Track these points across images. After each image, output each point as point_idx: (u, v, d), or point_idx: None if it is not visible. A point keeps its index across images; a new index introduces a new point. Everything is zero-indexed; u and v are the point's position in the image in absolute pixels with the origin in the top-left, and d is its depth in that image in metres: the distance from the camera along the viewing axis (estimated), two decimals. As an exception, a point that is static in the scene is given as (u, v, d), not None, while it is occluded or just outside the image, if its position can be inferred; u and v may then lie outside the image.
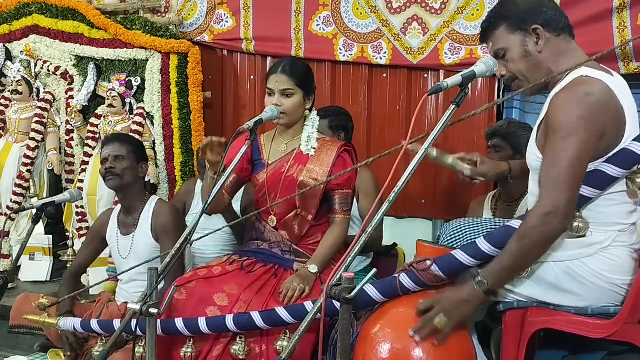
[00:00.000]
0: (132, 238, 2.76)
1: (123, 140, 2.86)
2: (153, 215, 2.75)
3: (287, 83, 2.38)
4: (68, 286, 2.80)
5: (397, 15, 3.62)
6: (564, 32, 1.88)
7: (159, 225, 2.71)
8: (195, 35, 4.13)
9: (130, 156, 2.78)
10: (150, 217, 2.76)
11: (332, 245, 2.38)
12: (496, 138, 2.92)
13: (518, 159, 2.82)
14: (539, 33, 1.85)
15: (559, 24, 1.87)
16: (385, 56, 3.71)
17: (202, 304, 2.20)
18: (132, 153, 2.79)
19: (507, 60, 1.91)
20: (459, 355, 1.78)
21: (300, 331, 1.60)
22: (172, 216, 2.73)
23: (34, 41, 4.34)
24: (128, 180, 2.76)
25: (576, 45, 1.91)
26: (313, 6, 3.79)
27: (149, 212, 2.77)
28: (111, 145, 2.79)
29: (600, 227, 1.78)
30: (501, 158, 2.87)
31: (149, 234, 2.73)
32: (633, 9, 3.09)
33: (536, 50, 1.86)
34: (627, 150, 1.74)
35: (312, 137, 2.44)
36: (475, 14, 3.43)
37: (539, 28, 1.85)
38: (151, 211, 2.77)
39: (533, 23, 1.85)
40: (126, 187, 2.77)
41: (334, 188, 2.41)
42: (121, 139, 2.89)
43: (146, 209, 2.79)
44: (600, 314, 1.77)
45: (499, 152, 2.90)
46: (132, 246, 2.74)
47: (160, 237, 2.70)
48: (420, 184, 3.74)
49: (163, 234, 2.68)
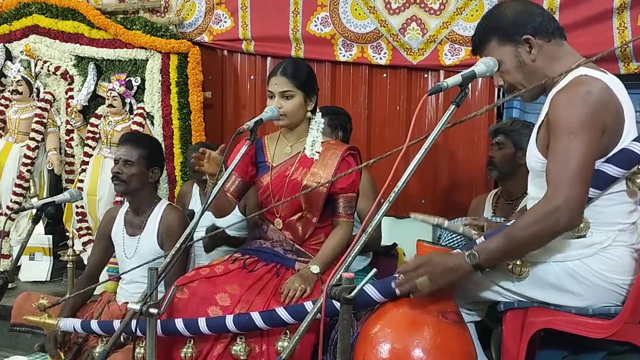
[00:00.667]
0: (138, 240, 2.73)
1: (137, 143, 2.74)
2: (160, 221, 2.71)
3: (286, 85, 2.38)
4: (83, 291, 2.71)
5: (396, 15, 3.61)
6: (554, 36, 1.86)
7: (165, 232, 2.67)
8: (194, 36, 4.13)
9: (140, 162, 2.68)
10: (157, 222, 2.71)
11: (335, 247, 2.38)
12: (499, 135, 2.94)
13: (519, 156, 2.84)
14: (531, 42, 1.84)
15: (549, 29, 1.85)
16: (385, 56, 3.71)
17: (204, 304, 2.20)
18: (143, 158, 2.69)
19: (502, 72, 1.90)
20: (459, 355, 1.78)
21: (300, 331, 1.60)
22: (179, 224, 2.67)
23: (34, 41, 4.35)
24: (135, 186, 2.69)
25: (569, 46, 1.90)
26: (311, 7, 3.77)
27: (157, 217, 2.72)
28: (124, 147, 2.71)
29: (601, 227, 1.78)
30: (503, 155, 2.90)
31: (154, 239, 2.70)
32: (633, 9, 3.09)
33: (530, 60, 1.85)
34: (627, 150, 1.74)
35: (317, 142, 2.44)
36: (474, 14, 3.42)
37: (530, 38, 1.83)
38: (159, 216, 2.72)
39: (523, 33, 1.83)
40: (132, 193, 2.72)
41: (339, 192, 2.41)
42: (135, 141, 2.76)
43: (154, 213, 2.74)
44: (601, 314, 1.77)
45: (501, 148, 2.92)
46: (137, 248, 2.73)
47: (165, 244, 2.66)
48: (420, 184, 3.74)
49: (168, 240, 2.64)
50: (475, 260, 1.70)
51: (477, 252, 1.71)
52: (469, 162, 3.68)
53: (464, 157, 3.70)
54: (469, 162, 3.68)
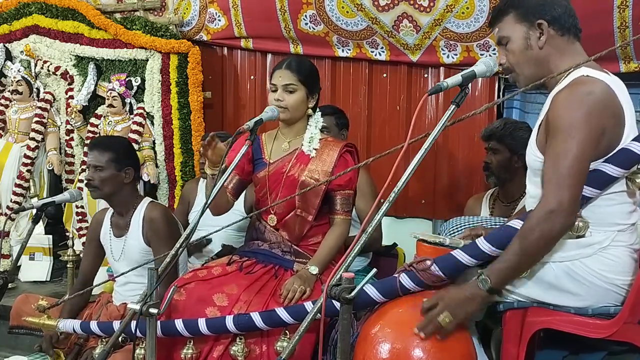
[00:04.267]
0: (125, 241, 2.73)
1: (103, 147, 2.72)
2: (143, 219, 2.70)
3: (290, 78, 2.39)
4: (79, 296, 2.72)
5: (386, 12, 3.51)
6: (569, 32, 1.87)
7: (149, 229, 2.67)
8: (193, 34, 4.12)
9: (109, 165, 2.66)
10: (140, 221, 2.70)
11: (332, 246, 2.37)
12: (492, 141, 2.89)
13: (515, 160, 2.82)
14: (543, 29, 1.84)
15: (566, 24, 1.86)
16: (384, 52, 3.69)
17: (202, 305, 2.20)
18: (112, 161, 2.67)
19: (507, 50, 1.90)
20: (459, 356, 1.78)
21: (300, 331, 1.60)
22: (162, 219, 2.66)
23: (34, 41, 4.34)
24: (108, 190, 2.68)
25: (580, 47, 1.89)
26: (297, 5, 3.70)
27: (139, 216, 2.71)
28: (91, 154, 2.70)
29: (600, 227, 1.78)
30: (499, 161, 2.86)
31: (139, 238, 2.69)
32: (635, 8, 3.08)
33: (537, 46, 1.86)
34: (627, 150, 1.74)
35: (315, 138, 2.44)
36: (465, 12, 3.36)
37: (544, 23, 1.84)
38: (142, 214, 2.71)
39: (540, 17, 1.84)
40: (108, 196, 2.71)
41: (336, 189, 2.41)
42: (102, 145, 2.74)
43: (137, 212, 2.73)
44: (600, 314, 1.77)
45: (496, 154, 2.87)
46: (124, 249, 2.72)
47: (151, 241, 2.66)
48: (420, 184, 3.74)
49: (154, 237, 2.64)
50: (487, 285, 1.72)
51: (487, 276, 1.73)
52: (469, 162, 3.68)
53: (464, 157, 3.70)
54: (469, 162, 3.67)
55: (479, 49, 3.45)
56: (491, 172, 2.91)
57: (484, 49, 3.44)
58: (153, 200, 2.85)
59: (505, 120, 2.97)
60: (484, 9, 3.31)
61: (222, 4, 3.96)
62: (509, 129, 2.85)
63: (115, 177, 2.69)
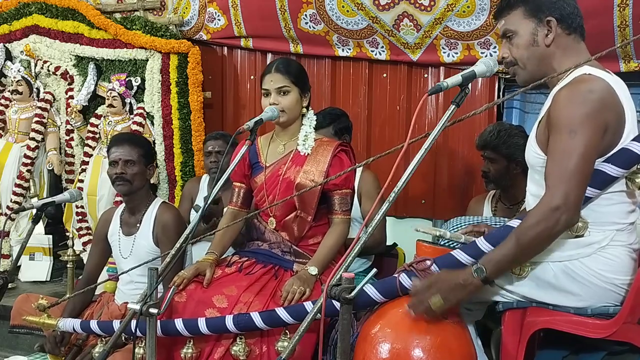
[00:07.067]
0: (134, 239, 2.74)
1: (134, 142, 2.76)
2: (155, 219, 2.72)
3: (282, 80, 2.39)
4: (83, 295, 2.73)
5: (386, 12, 3.52)
6: (575, 31, 1.87)
7: (160, 230, 2.69)
8: (192, 34, 4.12)
9: (140, 160, 2.71)
10: (152, 220, 2.73)
11: (332, 246, 2.37)
12: (487, 150, 2.85)
13: (514, 166, 2.80)
14: (552, 26, 1.84)
15: (573, 23, 1.86)
16: (384, 51, 3.70)
17: (201, 306, 2.20)
18: (142, 157, 2.72)
19: (512, 44, 1.90)
20: (459, 356, 1.78)
21: (300, 331, 1.60)
22: (174, 222, 2.69)
23: (34, 41, 4.34)
24: (138, 185, 2.72)
25: (584, 46, 1.89)
26: (297, 4, 3.70)
27: (151, 215, 2.74)
28: (122, 148, 2.71)
29: (599, 226, 1.78)
30: (496, 169, 2.83)
31: (149, 238, 2.71)
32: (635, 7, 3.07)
33: (544, 43, 1.85)
34: (627, 149, 1.74)
35: (310, 137, 2.44)
36: (466, 10, 3.36)
37: (553, 21, 1.84)
38: (154, 214, 2.74)
39: (550, 14, 1.84)
40: (134, 192, 2.73)
41: (332, 189, 2.40)
42: (132, 141, 2.78)
43: (149, 211, 2.75)
44: (600, 314, 1.77)
45: (493, 163, 2.84)
46: (133, 247, 2.73)
47: (160, 242, 2.68)
48: (420, 184, 3.74)
49: (164, 239, 2.65)
50: (483, 274, 1.72)
51: (483, 265, 1.72)
52: (469, 162, 3.68)
53: (464, 157, 3.70)
54: (469, 162, 3.67)
55: (480, 47, 3.46)
56: (490, 180, 2.89)
57: (485, 47, 3.45)
58: (165, 201, 2.88)
59: (499, 127, 2.87)
60: (484, 7, 3.31)
61: (221, 4, 3.96)
62: (503, 137, 2.79)
63: (143, 173, 2.74)
